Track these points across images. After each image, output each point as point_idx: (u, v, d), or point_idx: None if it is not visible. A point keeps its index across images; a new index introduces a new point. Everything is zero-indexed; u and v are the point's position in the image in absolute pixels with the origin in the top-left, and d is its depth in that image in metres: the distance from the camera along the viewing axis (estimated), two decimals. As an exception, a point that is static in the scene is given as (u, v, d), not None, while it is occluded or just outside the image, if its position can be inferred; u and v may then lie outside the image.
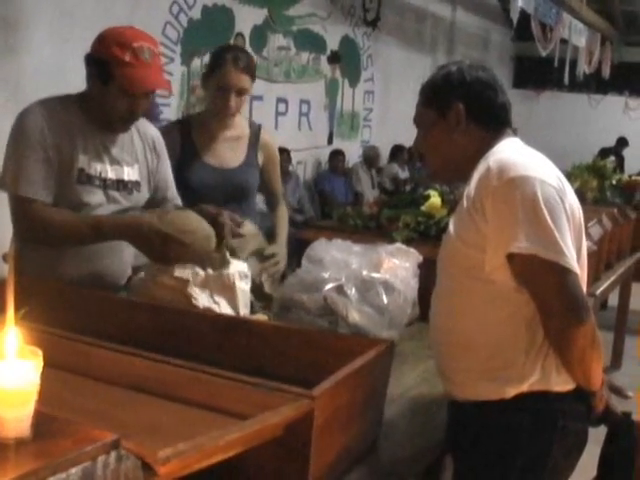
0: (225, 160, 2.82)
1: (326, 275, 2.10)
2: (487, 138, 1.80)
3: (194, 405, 1.33)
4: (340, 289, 2.07)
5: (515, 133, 1.86)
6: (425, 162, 1.95)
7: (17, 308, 0.99)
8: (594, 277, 3.71)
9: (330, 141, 9.03)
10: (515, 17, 8.59)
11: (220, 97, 2.70)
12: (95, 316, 1.87)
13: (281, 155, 3.46)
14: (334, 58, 8.78)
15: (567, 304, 1.58)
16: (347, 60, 9.05)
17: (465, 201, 1.70)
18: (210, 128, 2.80)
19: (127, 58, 2.10)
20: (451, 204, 3.02)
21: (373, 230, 3.09)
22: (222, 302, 1.99)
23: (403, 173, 9.71)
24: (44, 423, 0.96)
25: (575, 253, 1.63)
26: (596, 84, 13.38)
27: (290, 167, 7.64)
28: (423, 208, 3.07)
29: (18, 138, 2.16)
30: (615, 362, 5.43)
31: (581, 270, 1.68)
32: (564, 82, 11.10)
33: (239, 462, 1.17)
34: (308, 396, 1.30)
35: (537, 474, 1.72)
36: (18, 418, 0.93)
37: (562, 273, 1.58)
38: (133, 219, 2.17)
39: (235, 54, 2.71)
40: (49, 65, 5.00)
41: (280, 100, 7.79)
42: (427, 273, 2.08)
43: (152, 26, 6.02)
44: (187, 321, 1.84)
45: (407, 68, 9.86)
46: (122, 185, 2.31)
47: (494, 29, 12.91)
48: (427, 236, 2.88)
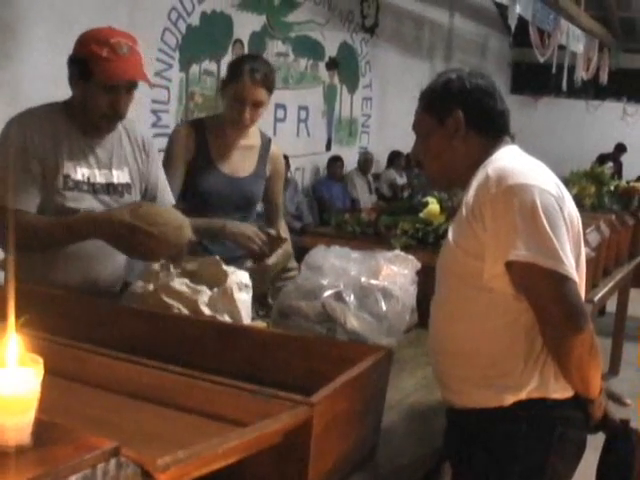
0: (237, 169, 2.82)
1: (324, 282, 2.10)
2: (486, 145, 1.80)
3: (193, 412, 1.33)
4: (338, 296, 2.07)
5: (513, 139, 1.87)
6: (423, 169, 1.95)
7: (17, 315, 0.99)
8: (592, 283, 3.71)
9: (328, 147, 9.05)
10: (513, 23, 8.62)
11: (236, 108, 2.68)
12: (94, 324, 1.86)
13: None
14: (332, 64, 8.80)
15: (566, 312, 1.59)
16: (345, 66, 9.08)
17: (464, 209, 1.70)
18: (225, 134, 2.79)
19: (105, 53, 2.13)
20: (449, 211, 3.02)
21: (371, 237, 3.09)
22: (225, 317, 1.99)
23: (401, 179, 9.73)
24: (44, 431, 0.96)
25: (574, 261, 1.63)
26: (594, 90, 13.41)
27: (288, 173, 7.64)
28: (421, 215, 3.07)
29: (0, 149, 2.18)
30: (613, 369, 5.42)
31: (579, 277, 1.68)
32: (562, 88, 11.13)
33: (238, 469, 1.17)
34: (307, 403, 1.30)
35: (535, 481, 1.73)
36: (18, 425, 0.93)
37: (561, 281, 1.59)
38: (102, 214, 2.16)
39: (253, 66, 2.67)
40: (47, 71, 4.99)
41: (279, 106, 7.80)
42: (425, 280, 2.08)
43: (151, 32, 6.05)
44: (186, 328, 1.84)
45: (405, 74, 9.87)
46: (112, 188, 2.32)
47: (492, 35, 12.95)
48: (425, 243, 2.88)
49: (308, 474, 1.34)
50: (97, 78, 2.14)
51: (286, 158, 7.31)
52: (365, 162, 9.20)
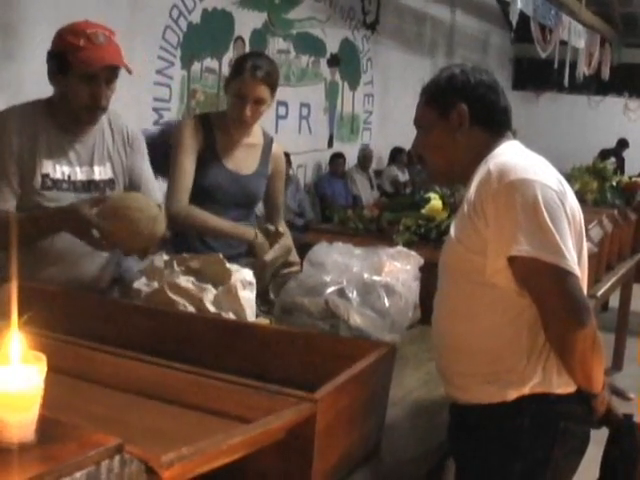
0: (241, 166, 2.82)
1: (327, 278, 2.11)
2: (488, 140, 1.80)
3: (197, 409, 1.33)
4: (341, 292, 2.07)
5: (515, 135, 1.86)
6: (424, 163, 1.94)
7: (20, 313, 1.00)
8: (595, 279, 3.71)
9: (330, 144, 9.04)
10: (514, 19, 8.61)
11: (237, 105, 2.68)
12: (96, 320, 1.87)
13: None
14: (334, 61, 8.80)
15: (568, 307, 1.58)
16: (347, 63, 9.07)
17: (465, 205, 1.70)
18: (230, 131, 2.79)
19: (81, 43, 2.13)
20: (452, 207, 3.02)
21: (374, 233, 3.09)
22: (229, 314, 2.00)
23: (403, 176, 9.72)
24: (48, 428, 0.96)
25: (576, 256, 1.63)
26: (596, 86, 13.41)
27: (290, 171, 7.64)
28: (424, 211, 3.07)
29: None
30: (616, 364, 5.42)
31: (582, 272, 1.68)
32: (564, 84, 11.12)
33: (242, 466, 1.17)
34: (310, 399, 1.31)
35: (539, 476, 1.72)
36: (22, 423, 0.93)
37: (563, 276, 1.59)
38: (64, 208, 2.14)
39: (255, 62, 2.65)
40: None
41: (280, 103, 7.78)
42: (428, 276, 2.08)
43: (152, 30, 6.06)
44: (189, 325, 1.84)
45: (407, 71, 9.87)
46: (94, 185, 2.30)
47: (493, 31, 12.94)
48: (428, 239, 2.88)
49: (312, 470, 1.35)
50: (75, 68, 2.13)
51: (288, 155, 7.36)
52: (364, 158, 9.19)
